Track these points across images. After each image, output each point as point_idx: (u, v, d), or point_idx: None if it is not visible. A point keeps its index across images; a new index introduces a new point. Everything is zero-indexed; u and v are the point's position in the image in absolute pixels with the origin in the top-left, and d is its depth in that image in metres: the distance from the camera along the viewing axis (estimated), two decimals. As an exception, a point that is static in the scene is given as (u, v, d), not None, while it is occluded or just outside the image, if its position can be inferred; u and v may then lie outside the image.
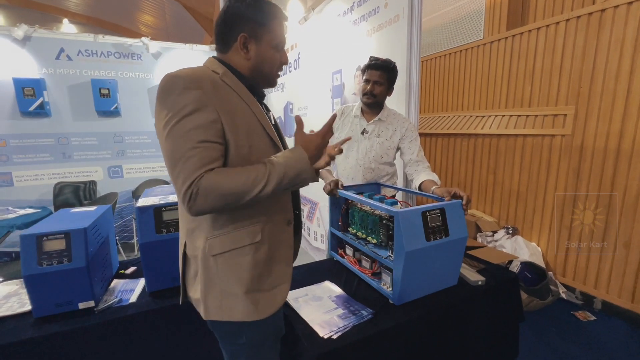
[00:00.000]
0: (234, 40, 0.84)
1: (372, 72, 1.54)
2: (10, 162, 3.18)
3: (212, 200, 0.72)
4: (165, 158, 0.74)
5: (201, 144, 0.72)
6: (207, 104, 0.73)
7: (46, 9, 10.80)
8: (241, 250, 0.81)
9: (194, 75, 0.75)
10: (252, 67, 0.87)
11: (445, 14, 3.26)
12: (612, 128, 2.09)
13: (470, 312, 1.20)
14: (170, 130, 0.72)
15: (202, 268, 0.82)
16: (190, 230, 0.83)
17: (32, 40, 3.11)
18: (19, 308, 1.13)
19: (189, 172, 0.70)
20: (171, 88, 0.73)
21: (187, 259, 0.86)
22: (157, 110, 0.75)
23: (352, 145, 1.65)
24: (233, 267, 0.81)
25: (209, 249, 0.80)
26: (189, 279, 0.87)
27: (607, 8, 2.04)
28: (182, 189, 0.71)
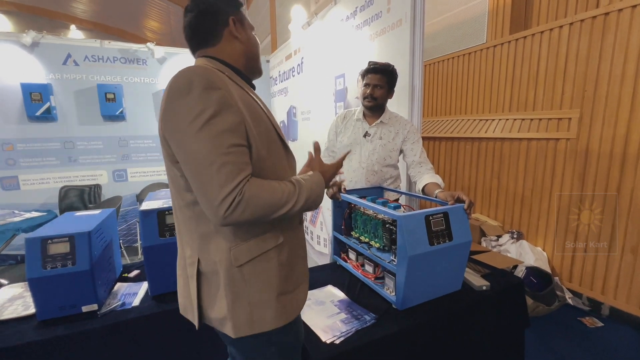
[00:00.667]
0: (224, 25, 0.80)
1: (372, 76, 1.56)
2: (17, 165, 3.22)
3: (250, 211, 0.68)
4: (188, 162, 0.68)
5: (234, 148, 0.68)
6: (231, 105, 0.69)
7: (54, 15, 11.00)
8: (266, 254, 0.78)
9: (212, 74, 0.70)
10: (246, 51, 0.84)
11: (448, 18, 3.27)
12: (618, 132, 2.07)
13: (474, 318, 1.18)
14: (196, 132, 0.65)
15: (226, 282, 0.75)
16: (204, 243, 0.77)
17: (40, 46, 3.17)
18: (23, 311, 1.14)
19: (227, 179, 0.66)
20: (190, 86, 0.67)
21: (203, 277, 0.78)
22: (173, 110, 0.68)
23: (355, 149, 1.65)
24: (261, 273, 0.77)
25: (234, 259, 0.75)
26: (208, 299, 0.79)
27: (611, 11, 2.03)
28: (218, 196, 0.65)
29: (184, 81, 0.67)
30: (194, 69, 0.69)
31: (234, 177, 0.66)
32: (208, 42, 0.81)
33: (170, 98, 0.68)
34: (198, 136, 0.65)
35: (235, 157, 0.68)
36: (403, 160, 1.66)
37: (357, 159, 1.65)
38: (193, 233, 0.78)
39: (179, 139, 0.68)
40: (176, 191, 0.78)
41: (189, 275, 0.80)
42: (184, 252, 0.82)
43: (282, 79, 3.86)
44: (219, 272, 0.76)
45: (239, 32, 0.82)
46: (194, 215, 0.76)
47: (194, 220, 0.77)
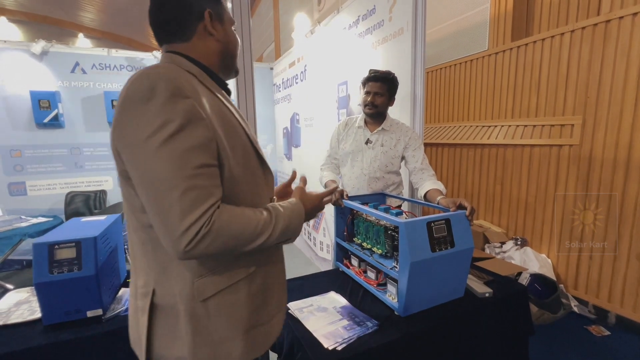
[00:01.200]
0: (198, 20, 0.69)
1: (372, 84, 1.58)
2: (25, 172, 3.28)
3: (218, 244, 0.59)
4: (144, 183, 0.57)
5: (202, 169, 0.58)
6: (201, 117, 0.59)
7: (63, 24, 11.24)
8: (235, 286, 0.69)
9: (178, 78, 0.59)
10: (222, 50, 0.73)
11: (450, 25, 3.30)
12: (621, 138, 2.07)
13: (477, 325, 1.18)
14: (156, 149, 0.55)
15: (187, 319, 0.65)
16: (162, 272, 0.66)
17: (49, 55, 3.24)
18: (29, 315, 1.15)
19: (192, 206, 0.56)
20: (153, 92, 0.56)
21: (157, 310, 0.67)
22: (129, 119, 0.57)
23: (357, 156, 1.67)
24: (228, 308, 0.68)
25: (197, 293, 0.65)
26: (162, 335, 0.67)
27: (612, 19, 2.05)
28: (180, 227, 0.55)
29: (146, 85, 0.56)
30: (159, 71, 0.59)
31: (200, 203, 0.57)
32: (177, 37, 0.70)
33: (127, 105, 0.57)
34: (158, 154, 0.55)
35: (203, 179, 0.58)
36: (405, 167, 1.68)
37: (359, 165, 1.67)
38: (149, 259, 0.67)
39: (135, 155, 0.57)
40: (130, 211, 0.66)
41: (139, 307, 0.69)
42: (136, 280, 0.71)
43: (285, 86, 3.91)
44: (178, 307, 0.65)
45: (215, 28, 0.71)
46: (150, 240, 0.65)
47: (151, 245, 0.65)
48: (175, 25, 0.69)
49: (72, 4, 9.92)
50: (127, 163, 0.60)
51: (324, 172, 1.75)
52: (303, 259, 3.64)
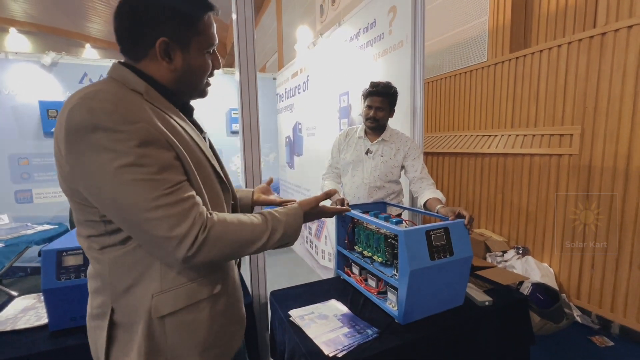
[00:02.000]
0: (150, 46, 0.63)
1: (374, 99, 1.61)
2: (31, 179, 3.33)
3: (219, 250, 0.61)
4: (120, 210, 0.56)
5: (177, 186, 0.58)
6: (157, 138, 0.57)
7: (70, 35, 11.50)
8: (197, 305, 0.67)
9: (122, 102, 0.56)
10: (178, 79, 0.67)
11: (450, 37, 3.36)
12: (620, 148, 2.09)
13: (477, 333, 1.19)
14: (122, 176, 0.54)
15: (142, 337, 0.63)
16: (122, 291, 0.64)
17: (58, 66, 3.33)
18: (35, 321, 1.18)
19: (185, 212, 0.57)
20: (95, 122, 0.53)
21: (116, 328, 0.65)
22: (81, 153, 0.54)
23: (357, 165, 1.71)
24: (186, 328, 0.66)
25: (154, 309, 0.63)
26: (116, 352, 0.66)
27: (608, 32, 2.09)
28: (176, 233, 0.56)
29: (85, 116, 0.53)
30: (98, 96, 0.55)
31: (187, 211, 0.57)
32: (129, 54, 0.66)
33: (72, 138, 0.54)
34: (125, 181, 0.54)
35: (181, 193, 0.58)
36: (405, 176, 1.71)
37: (360, 175, 1.70)
38: (105, 281, 0.64)
39: (100, 186, 0.55)
40: (87, 235, 0.64)
41: (97, 326, 0.67)
42: (91, 302, 0.69)
43: (288, 96, 3.97)
44: (136, 324, 0.64)
45: (173, 56, 0.65)
46: (110, 260, 0.63)
47: (109, 266, 0.63)
48: (126, 44, 0.65)
49: (79, 15, 10.17)
50: (93, 195, 0.57)
51: (325, 182, 1.79)
52: (305, 267, 3.64)
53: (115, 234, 0.62)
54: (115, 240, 0.63)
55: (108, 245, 0.63)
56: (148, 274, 0.63)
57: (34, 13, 10.07)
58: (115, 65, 0.65)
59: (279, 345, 1.24)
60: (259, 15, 8.20)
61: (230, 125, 4.03)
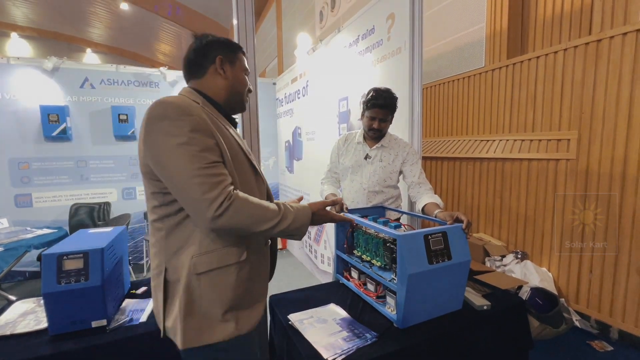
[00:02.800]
0: (211, 62, 0.91)
1: (378, 111, 1.59)
2: (31, 183, 3.34)
3: (240, 217, 0.75)
4: (170, 176, 0.75)
5: (214, 164, 0.76)
6: (205, 128, 0.78)
7: (72, 40, 11.57)
8: (226, 269, 0.83)
9: (183, 102, 0.79)
10: (229, 86, 0.93)
11: (447, 43, 3.40)
12: (616, 153, 2.11)
13: (475, 338, 1.19)
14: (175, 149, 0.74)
15: (183, 289, 0.80)
16: (173, 253, 0.82)
17: (59, 71, 3.35)
18: (35, 325, 1.18)
19: (212, 185, 0.74)
20: (165, 114, 0.76)
21: (168, 286, 0.83)
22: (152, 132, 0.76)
23: (356, 170, 1.72)
24: (217, 286, 0.82)
25: (194, 267, 0.80)
26: (171, 306, 0.83)
27: (603, 39, 2.12)
28: (206, 200, 0.72)
29: (160, 109, 0.77)
30: (169, 99, 0.79)
31: (218, 183, 0.74)
32: (194, 74, 0.93)
33: (149, 123, 0.77)
34: (178, 153, 0.73)
35: (216, 169, 0.76)
36: (403, 181, 1.72)
37: (359, 180, 1.71)
38: (161, 245, 0.84)
39: (161, 156, 0.75)
40: (152, 207, 0.85)
41: (156, 284, 0.85)
42: (153, 263, 0.87)
43: (287, 101, 4.00)
44: (179, 281, 0.81)
45: (225, 69, 0.92)
46: (165, 227, 0.83)
47: (165, 231, 0.83)
48: (194, 67, 0.92)
49: (81, 20, 10.24)
50: (156, 163, 0.77)
51: (324, 186, 1.80)
52: (304, 271, 3.64)
53: (171, 205, 0.81)
54: (171, 210, 0.81)
55: (166, 215, 0.82)
56: (191, 239, 0.81)
57: (36, 18, 10.14)
58: (184, 89, 0.92)
59: (278, 350, 1.24)
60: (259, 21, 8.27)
61: (230, 129, 4.05)
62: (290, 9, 6.63)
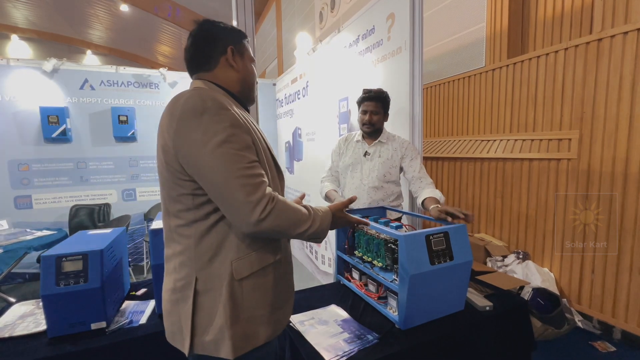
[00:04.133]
0: (222, 54, 0.84)
1: (368, 104, 1.68)
2: (31, 185, 3.33)
3: (281, 220, 0.73)
4: (210, 177, 0.70)
5: (253, 164, 0.73)
6: (242, 124, 0.74)
7: (71, 41, 11.58)
8: (265, 269, 0.81)
9: (218, 96, 0.74)
10: (241, 79, 0.88)
11: (448, 43, 3.40)
12: (618, 152, 2.10)
13: (478, 339, 1.18)
14: (216, 149, 0.69)
15: (226, 297, 0.75)
16: (207, 260, 0.76)
17: (59, 72, 3.35)
18: (34, 328, 1.17)
19: (255, 187, 0.70)
20: (204, 107, 0.71)
21: (198, 296, 0.76)
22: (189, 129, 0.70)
23: (356, 167, 1.75)
24: (259, 288, 0.80)
25: (235, 272, 0.76)
26: (204, 318, 0.76)
27: (604, 38, 2.11)
28: (250, 202, 0.69)
29: (198, 102, 0.71)
30: (204, 92, 0.74)
31: (259, 185, 0.71)
32: (204, 66, 0.85)
33: (185, 118, 0.71)
34: (219, 152, 0.69)
35: (256, 170, 0.73)
36: (404, 177, 1.73)
37: (359, 176, 1.74)
38: (191, 253, 0.77)
39: (200, 154, 0.70)
40: (176, 211, 0.77)
41: (181, 298, 0.77)
42: (174, 277, 0.79)
43: (287, 101, 3.99)
44: (219, 288, 0.75)
45: (235, 61, 0.86)
46: (195, 233, 0.76)
47: (195, 238, 0.76)
48: (203, 58, 0.85)
49: (81, 22, 10.26)
50: (193, 162, 0.71)
51: (324, 183, 1.82)
52: (305, 272, 3.63)
53: (201, 208, 0.75)
54: (200, 214, 0.75)
55: (195, 220, 0.76)
56: (227, 244, 0.76)
57: (36, 20, 10.15)
58: (195, 82, 0.85)
59: (278, 351, 1.23)
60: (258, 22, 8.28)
61: (230, 130, 4.04)
62: (290, 10, 6.63)
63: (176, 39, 11.14)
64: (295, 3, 6.34)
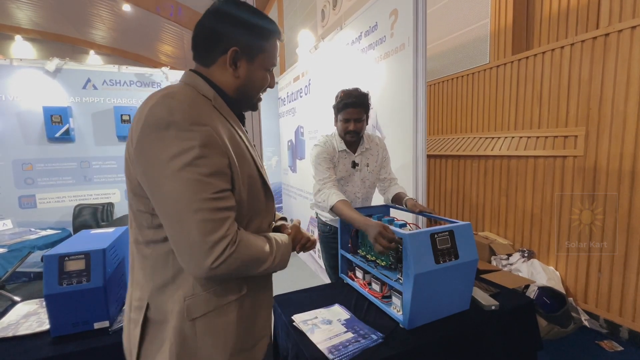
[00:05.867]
0: (222, 53, 0.71)
1: (352, 111, 1.51)
2: (35, 185, 3.35)
3: (239, 263, 0.63)
4: (166, 204, 0.60)
5: (221, 194, 0.62)
6: (218, 144, 0.63)
7: (75, 41, 11.64)
8: (226, 307, 0.69)
9: (196, 104, 0.63)
10: (239, 87, 0.75)
11: (451, 39, 3.36)
12: (626, 149, 2.07)
13: (483, 338, 1.17)
14: (177, 172, 0.58)
15: (174, 337, 0.66)
16: (158, 288, 0.67)
17: (62, 72, 3.36)
18: (37, 327, 1.17)
19: (215, 226, 0.59)
20: (171, 119, 0.59)
21: (149, 324, 0.68)
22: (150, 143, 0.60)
23: (348, 180, 1.67)
24: (216, 329, 0.68)
25: (187, 312, 0.66)
26: (149, 349, 0.68)
27: (611, 32, 2.08)
28: (205, 245, 0.59)
29: (164, 113, 0.59)
30: (177, 97, 0.62)
31: (222, 223, 0.60)
32: (201, 61, 0.74)
33: (146, 131, 0.60)
34: (180, 176, 0.58)
35: (222, 202, 0.62)
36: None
37: (351, 190, 1.68)
38: (147, 275, 0.69)
39: (156, 176, 0.60)
40: (137, 225, 0.70)
41: (132, 319, 0.71)
42: (132, 292, 0.73)
43: (290, 100, 3.98)
44: (168, 323, 0.67)
45: (239, 64, 0.72)
46: (151, 255, 0.68)
47: (151, 262, 0.68)
48: (200, 50, 0.74)
49: (83, 22, 10.29)
50: (148, 183, 0.62)
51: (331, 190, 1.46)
52: (308, 271, 3.62)
53: (159, 229, 0.66)
54: (158, 236, 0.66)
55: (153, 241, 0.67)
56: (182, 275, 0.67)
57: (39, 21, 10.20)
58: (188, 73, 0.74)
59: (282, 351, 1.22)
60: (260, 21, 8.26)
61: (233, 129, 4.04)
62: (291, 8, 6.61)
63: (178, 39, 11.14)
64: (296, 1, 6.31)
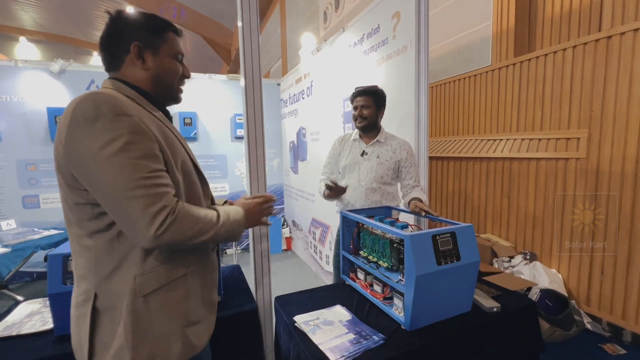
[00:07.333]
0: (126, 52, 0.77)
1: (359, 98, 1.68)
2: (39, 185, 3.37)
3: (182, 230, 0.68)
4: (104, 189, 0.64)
5: (155, 173, 0.67)
6: (145, 131, 0.68)
7: (78, 43, 11.72)
8: (175, 282, 0.76)
9: (117, 101, 0.67)
10: (153, 77, 0.80)
11: (454, 41, 3.37)
12: (628, 151, 2.06)
13: (485, 340, 1.16)
14: (110, 159, 0.63)
15: (127, 316, 0.69)
16: (106, 275, 0.70)
17: (66, 73, 3.38)
18: (41, 326, 1.18)
19: (154, 199, 0.65)
20: (98, 113, 0.64)
21: (98, 315, 0.70)
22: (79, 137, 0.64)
23: (353, 168, 1.72)
24: (169, 303, 0.74)
25: (139, 288, 0.70)
26: (101, 339, 0.70)
27: (614, 35, 2.08)
28: (146, 216, 0.64)
29: (90, 107, 0.64)
30: (100, 95, 0.66)
31: (161, 197, 0.66)
32: (112, 66, 0.80)
33: (75, 125, 0.64)
34: (113, 162, 0.63)
35: (158, 179, 0.67)
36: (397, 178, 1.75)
37: (356, 177, 1.71)
38: (92, 266, 0.71)
39: (91, 167, 0.64)
40: (76, 220, 0.72)
41: (80, 315, 0.72)
42: (77, 289, 0.75)
43: (292, 101, 3.99)
44: (119, 306, 0.70)
45: (146, 59, 0.79)
46: (95, 246, 0.71)
47: (95, 252, 0.71)
48: (108, 58, 0.80)
49: (87, 23, 10.37)
50: (84, 175, 0.66)
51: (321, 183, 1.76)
52: (309, 272, 3.62)
53: (101, 218, 0.70)
54: (101, 225, 0.70)
55: (96, 231, 0.71)
56: (130, 258, 0.71)
57: (44, 22, 10.28)
58: (106, 81, 0.79)
59: (283, 352, 1.23)
60: (263, 22, 8.30)
61: (235, 130, 4.06)
62: (294, 10, 6.64)
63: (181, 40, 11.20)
64: (299, 3, 6.34)
